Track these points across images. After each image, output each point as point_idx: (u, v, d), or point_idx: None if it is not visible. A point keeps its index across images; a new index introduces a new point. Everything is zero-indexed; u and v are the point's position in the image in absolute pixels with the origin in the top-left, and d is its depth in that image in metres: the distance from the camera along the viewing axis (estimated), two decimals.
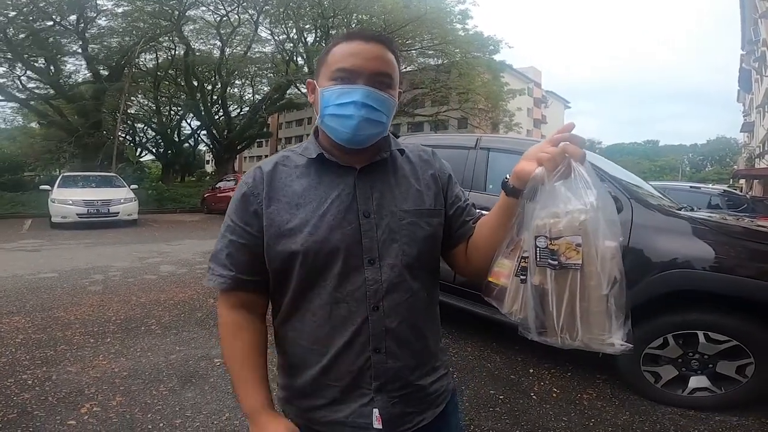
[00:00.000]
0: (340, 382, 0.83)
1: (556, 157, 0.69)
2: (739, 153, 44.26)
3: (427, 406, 0.88)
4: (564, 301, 0.66)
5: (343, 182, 0.83)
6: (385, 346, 0.82)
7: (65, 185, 11.09)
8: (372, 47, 0.80)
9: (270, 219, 0.82)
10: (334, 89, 0.80)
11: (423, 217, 0.86)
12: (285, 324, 0.87)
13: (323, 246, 0.79)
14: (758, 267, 2.27)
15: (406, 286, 0.83)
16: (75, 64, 20.05)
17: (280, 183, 0.84)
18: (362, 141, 0.82)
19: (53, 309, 4.07)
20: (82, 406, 2.37)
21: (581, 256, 0.64)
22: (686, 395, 2.45)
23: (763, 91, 22.06)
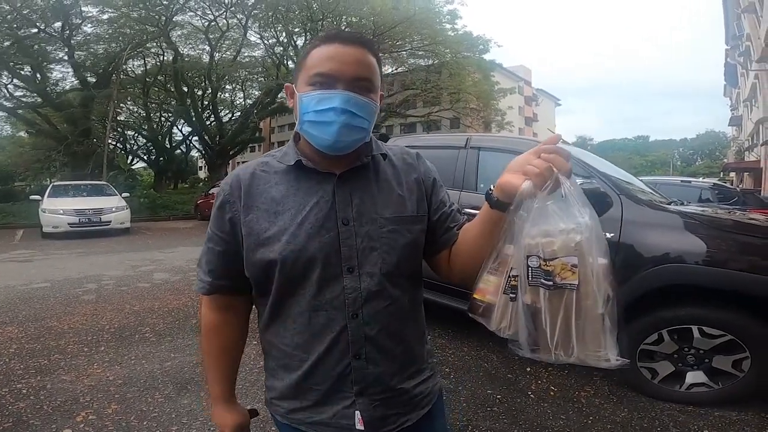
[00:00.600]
0: (322, 386, 0.83)
1: (544, 172, 0.68)
2: (728, 146, 44.76)
3: (411, 408, 0.88)
4: (558, 319, 0.66)
5: (322, 189, 0.82)
6: (365, 352, 0.82)
7: (56, 195, 10.98)
8: (351, 50, 0.77)
9: (249, 227, 0.81)
10: (312, 95, 0.77)
11: (404, 224, 0.84)
12: (267, 329, 0.88)
13: (301, 254, 0.78)
14: (750, 260, 2.28)
15: (386, 294, 0.82)
16: (61, 72, 19.88)
17: (258, 190, 0.83)
18: (344, 147, 0.79)
19: (46, 319, 4.03)
20: (77, 415, 2.36)
21: (577, 276, 0.64)
22: (684, 391, 2.45)
23: (749, 85, 22.32)
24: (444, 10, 19.28)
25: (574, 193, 0.67)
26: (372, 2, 17.33)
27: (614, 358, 0.66)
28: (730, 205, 6.91)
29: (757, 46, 16.47)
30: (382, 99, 0.87)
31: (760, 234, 2.46)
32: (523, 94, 45.63)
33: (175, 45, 19.64)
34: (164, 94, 25.17)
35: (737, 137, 32.96)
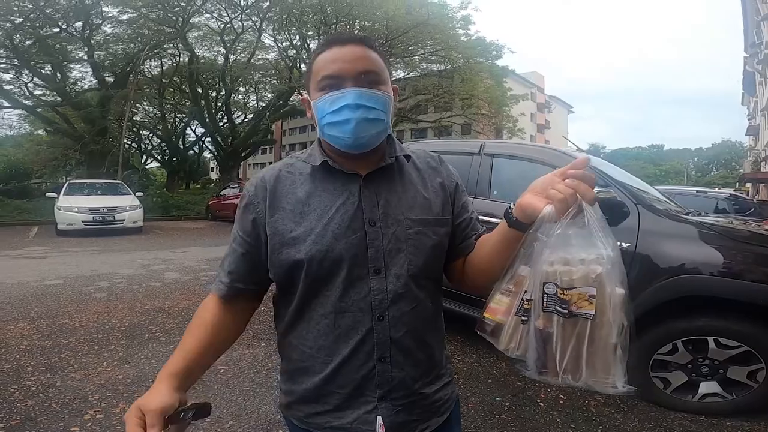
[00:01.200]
0: (344, 389, 0.82)
1: (568, 198, 0.66)
2: (744, 156, 43.99)
3: (431, 415, 0.87)
4: (570, 346, 0.66)
5: (348, 190, 0.81)
6: (390, 355, 0.81)
7: (71, 192, 11.14)
8: (350, 49, 0.79)
9: (274, 228, 0.81)
10: (325, 98, 0.78)
11: (430, 226, 0.84)
12: (290, 331, 0.86)
13: (328, 255, 0.78)
14: (766, 271, 2.25)
15: (412, 296, 0.82)
16: (81, 71, 20.33)
17: (284, 191, 0.83)
18: (366, 143, 0.79)
19: (58, 316, 4.08)
20: (85, 413, 2.37)
21: (594, 307, 0.64)
22: (696, 401, 2.42)
23: (767, 94, 21.95)
24: (457, 16, 19.30)
25: (596, 222, 0.66)
26: (385, 7, 17.42)
27: (621, 385, 0.66)
28: (747, 216, 6.79)
29: None
30: (396, 92, 0.87)
31: None
32: (535, 101, 45.42)
33: (192, 46, 19.96)
34: (179, 95, 25.55)
35: (754, 147, 32.39)
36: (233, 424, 2.29)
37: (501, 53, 21.08)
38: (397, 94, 0.87)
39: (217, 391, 2.65)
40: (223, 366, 2.98)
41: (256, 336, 3.57)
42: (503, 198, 3.14)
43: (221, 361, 3.05)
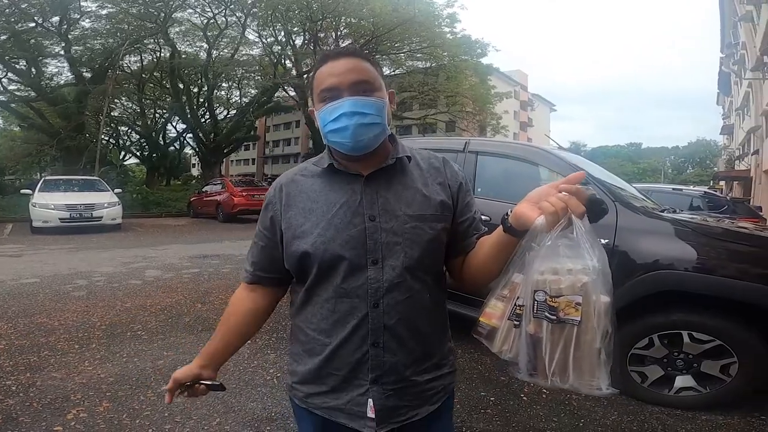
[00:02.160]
0: (340, 371, 0.90)
1: (558, 212, 0.71)
2: (719, 155, 45.30)
3: (421, 402, 0.93)
4: (558, 350, 0.70)
5: (351, 188, 0.91)
6: (383, 340, 0.88)
7: (47, 189, 10.88)
8: (344, 62, 0.87)
9: (288, 223, 0.92)
10: (325, 109, 0.88)
11: (427, 222, 0.91)
12: (298, 314, 0.97)
13: (330, 246, 0.87)
14: (738, 267, 2.33)
15: (406, 286, 0.88)
16: (57, 66, 19.74)
17: (297, 191, 0.94)
18: (366, 145, 0.88)
19: (36, 315, 3.99)
20: (68, 412, 2.33)
21: (580, 314, 0.68)
22: (672, 395, 2.49)
23: (742, 94, 22.63)
24: (443, 14, 19.33)
25: (584, 235, 0.70)
26: (372, 4, 17.35)
27: (605, 387, 0.72)
28: (720, 214, 7.00)
29: (752, 55, 16.70)
30: (393, 96, 0.96)
31: (749, 242, 2.52)
32: (519, 99, 45.86)
33: (173, 42, 19.56)
34: (160, 90, 25.00)
35: (728, 146, 33.39)
36: (220, 422, 2.29)
37: (486, 51, 21.26)
38: (393, 97, 0.96)
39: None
40: None
41: None
42: (487, 195, 3.18)
43: None
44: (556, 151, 3.42)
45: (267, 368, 2.94)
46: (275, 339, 3.50)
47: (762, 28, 13.59)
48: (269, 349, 3.28)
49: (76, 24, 17.16)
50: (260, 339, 3.47)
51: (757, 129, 18.39)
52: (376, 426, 0.88)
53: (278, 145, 51.63)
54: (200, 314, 4.08)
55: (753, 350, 2.27)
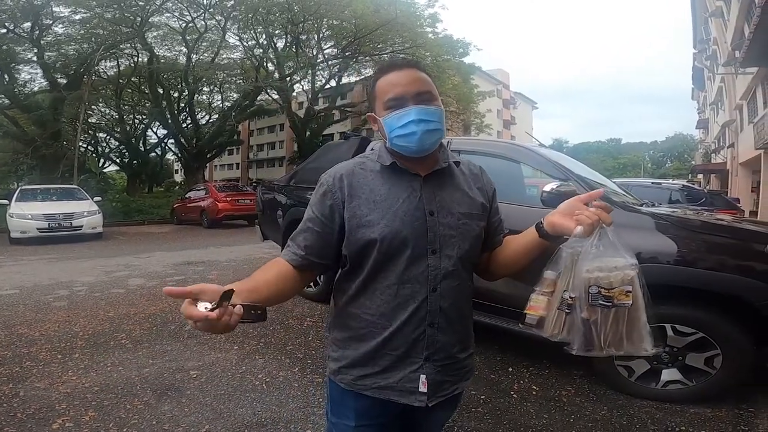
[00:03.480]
0: (397, 350, 0.98)
1: (594, 224, 0.89)
2: (696, 149, 46.41)
3: (460, 378, 1.06)
4: (613, 328, 0.90)
5: (411, 186, 1.00)
6: (437, 322, 0.99)
7: (24, 199, 10.60)
8: (407, 73, 0.97)
9: (351, 212, 0.97)
10: (392, 116, 0.97)
11: (474, 219, 1.04)
12: (352, 302, 1.02)
13: (396, 235, 0.95)
14: (717, 259, 2.37)
15: (458, 274, 1.00)
16: (30, 73, 19.16)
17: (359, 183, 1.00)
18: (428, 148, 0.99)
19: (16, 326, 3.88)
20: (53, 422, 2.28)
21: (631, 298, 0.88)
22: (660, 388, 2.51)
23: (715, 89, 23.23)
24: (425, 14, 19.43)
25: (617, 239, 0.90)
26: (353, 5, 17.34)
27: (651, 348, 0.91)
28: (699, 206, 7.17)
29: (723, 50, 17.17)
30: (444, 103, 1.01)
31: (727, 234, 2.57)
32: (501, 98, 46.32)
33: (151, 46, 19.18)
34: (138, 95, 24.58)
35: (704, 140, 34.23)
36: (209, 429, 2.25)
37: (468, 51, 21.40)
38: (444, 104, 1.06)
39: (190, 396, 2.59)
40: (195, 371, 2.91)
41: (228, 340, 3.50)
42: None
43: (194, 365, 3.00)
44: (537, 148, 3.46)
45: (256, 373, 2.91)
46: (263, 344, 3.46)
47: (732, 24, 14.00)
48: (257, 355, 3.25)
49: (49, 30, 16.67)
50: (248, 344, 3.43)
51: (732, 123, 18.91)
52: (427, 399, 0.99)
53: (263, 149, 51.11)
54: (185, 321, 4.01)
55: (735, 342, 2.31)
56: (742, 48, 10.21)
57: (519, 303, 1.04)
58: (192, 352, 3.25)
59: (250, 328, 3.75)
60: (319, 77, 23.39)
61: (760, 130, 12.69)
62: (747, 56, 9.89)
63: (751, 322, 2.31)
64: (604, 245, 0.90)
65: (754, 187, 17.18)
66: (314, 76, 22.75)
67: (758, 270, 2.27)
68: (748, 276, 2.27)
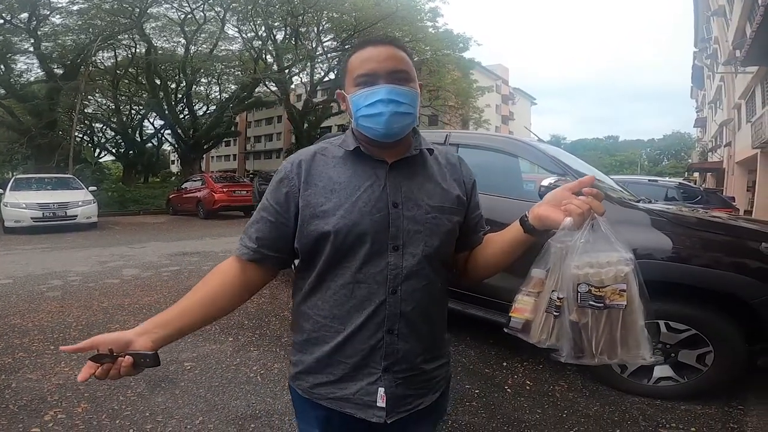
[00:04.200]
0: (351, 359, 0.88)
1: (585, 213, 0.79)
2: (692, 147, 46.55)
3: (426, 391, 0.94)
4: (605, 332, 0.80)
5: (375, 174, 0.90)
6: (397, 328, 0.88)
7: (18, 188, 10.54)
8: (383, 49, 0.88)
9: (306, 201, 0.88)
10: (360, 93, 0.87)
11: (445, 213, 0.93)
12: (306, 301, 0.93)
13: (353, 228, 0.85)
14: (712, 256, 2.38)
15: (424, 274, 0.89)
16: (27, 63, 19.00)
17: (318, 170, 0.91)
18: (396, 133, 0.88)
19: (9, 316, 3.86)
20: (45, 413, 2.28)
21: (626, 298, 0.78)
22: (651, 384, 2.52)
23: (714, 88, 23.26)
24: (425, 8, 19.35)
25: (610, 230, 0.79)
26: None
27: (649, 356, 0.81)
28: (694, 204, 7.20)
29: (724, 49, 17.18)
30: (421, 88, 0.96)
31: (722, 231, 2.57)
32: (500, 93, 46.22)
33: (149, 37, 19.02)
34: (135, 86, 24.38)
35: (701, 138, 34.32)
36: (203, 420, 2.25)
37: (468, 45, 21.34)
38: (422, 90, 0.96)
39: (184, 388, 2.58)
40: (190, 362, 2.91)
41: (223, 331, 3.50)
42: None
43: (188, 357, 2.99)
44: (535, 143, 3.45)
45: (250, 365, 2.91)
46: (258, 336, 3.46)
47: (734, 23, 13.99)
48: (252, 347, 3.24)
49: (46, 20, 16.52)
50: (243, 336, 3.43)
51: (729, 122, 18.95)
52: (385, 416, 0.88)
53: (260, 141, 50.91)
54: None
55: (727, 339, 2.32)
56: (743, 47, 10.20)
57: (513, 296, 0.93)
58: (186, 344, 3.24)
59: (245, 320, 3.75)
60: (318, 70, 23.30)
61: (757, 130, 12.72)
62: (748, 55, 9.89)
63: (744, 319, 2.31)
64: (595, 238, 0.79)
65: (749, 186, 17.25)
66: (313, 69, 22.65)
67: (753, 267, 2.28)
68: (743, 273, 2.28)
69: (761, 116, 12.44)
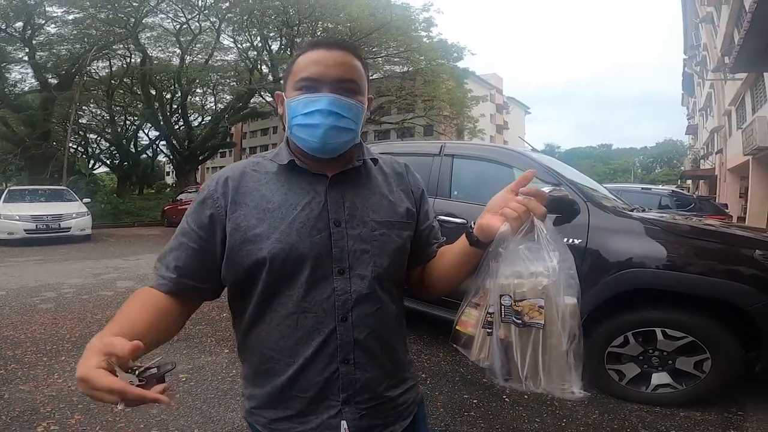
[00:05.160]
0: (307, 392, 0.80)
1: (521, 216, 0.73)
2: (685, 155, 46.97)
3: (395, 419, 0.87)
4: (528, 354, 0.70)
5: (314, 190, 0.81)
6: (353, 357, 0.80)
7: (11, 200, 10.47)
8: (335, 54, 0.79)
9: (235, 223, 0.79)
10: (299, 99, 0.78)
11: (394, 229, 0.85)
12: (249, 332, 0.84)
13: (291, 253, 0.77)
14: (706, 264, 2.40)
15: (375, 297, 0.82)
16: (21, 72, 18.96)
17: (248, 188, 0.82)
18: (332, 149, 0.80)
19: (1, 328, 3.82)
20: (38, 425, 2.25)
21: (544, 316, 0.68)
22: (650, 392, 2.52)
23: (705, 95, 23.56)
24: (420, 18, 19.48)
25: (547, 236, 0.71)
26: (348, 9, 17.36)
27: (578, 391, 0.71)
28: (688, 212, 7.25)
29: (713, 56, 17.43)
30: (371, 102, 0.89)
31: (716, 239, 2.60)
32: (494, 102, 46.64)
33: (144, 47, 19.05)
34: (130, 96, 24.33)
35: (693, 146, 34.67)
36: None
37: (462, 55, 21.48)
38: (370, 103, 0.88)
39: (180, 400, 2.55)
40: (185, 374, 2.88)
41: (219, 343, 3.47)
42: (464, 198, 3.22)
43: (183, 369, 2.96)
44: (529, 153, 3.48)
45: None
46: None
47: (722, 29, 14.21)
48: None
49: (41, 29, 16.54)
50: None
51: (720, 128, 19.18)
52: None
53: (255, 152, 50.93)
54: None
55: (724, 346, 2.33)
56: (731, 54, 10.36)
57: None
58: (181, 356, 3.21)
59: None
60: None
61: (748, 136, 12.88)
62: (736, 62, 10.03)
63: (740, 326, 2.33)
64: (530, 244, 0.70)
65: (742, 193, 17.42)
66: None
67: (747, 274, 2.30)
68: (737, 280, 2.30)
69: (751, 123, 12.60)
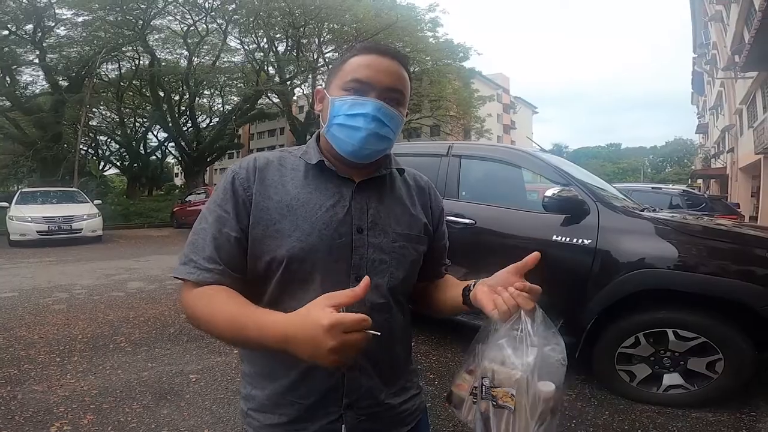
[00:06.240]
0: (306, 399, 0.79)
1: (510, 309, 0.73)
2: (695, 154, 46.44)
3: (395, 426, 0.87)
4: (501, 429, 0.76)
5: (340, 193, 0.80)
6: (359, 364, 0.79)
7: (24, 202, 10.63)
8: (388, 62, 0.79)
9: (257, 216, 0.77)
10: (345, 99, 0.78)
11: (412, 242, 0.85)
12: None
13: (310, 255, 0.76)
14: (718, 264, 2.37)
15: (387, 307, 0.82)
16: (32, 75, 19.24)
17: (273, 180, 0.80)
18: (367, 155, 0.80)
19: (15, 329, 3.87)
20: (51, 425, 2.28)
21: (514, 404, 0.74)
22: (661, 393, 2.50)
23: (715, 93, 23.29)
24: (426, 18, 19.54)
25: (530, 331, 0.75)
26: (354, 9, 17.44)
27: None
28: (699, 211, 7.16)
29: (723, 54, 17.23)
30: (407, 116, 0.89)
31: (728, 239, 2.56)
32: (501, 102, 46.40)
33: (152, 49, 19.26)
34: (139, 98, 24.60)
35: (704, 144, 34.28)
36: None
37: (468, 55, 21.50)
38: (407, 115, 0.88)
39: (190, 400, 2.57)
40: (195, 374, 2.90)
41: None
42: (472, 199, 3.21)
43: (193, 369, 2.99)
44: (538, 153, 3.46)
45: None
46: None
47: (732, 28, 14.05)
48: None
49: (51, 32, 16.77)
50: None
51: (731, 127, 18.94)
52: None
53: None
54: (185, 325, 4.00)
55: (737, 346, 2.30)
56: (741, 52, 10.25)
57: None
58: (191, 356, 3.23)
59: None
60: (320, 81, 23.47)
61: (760, 135, 12.72)
62: (747, 60, 9.92)
63: (753, 326, 2.30)
64: (515, 333, 0.75)
65: (753, 192, 17.20)
66: (315, 80, 22.84)
67: (759, 275, 2.28)
68: (750, 281, 2.27)
69: (763, 121, 12.45)
